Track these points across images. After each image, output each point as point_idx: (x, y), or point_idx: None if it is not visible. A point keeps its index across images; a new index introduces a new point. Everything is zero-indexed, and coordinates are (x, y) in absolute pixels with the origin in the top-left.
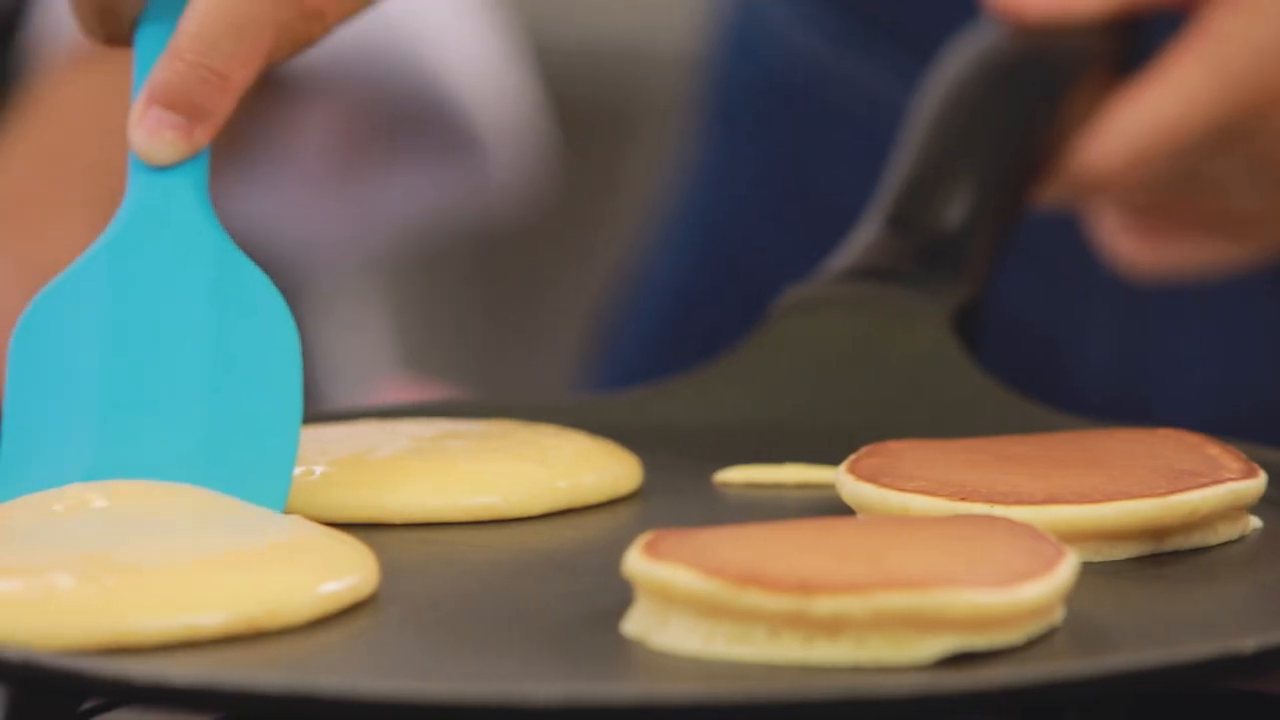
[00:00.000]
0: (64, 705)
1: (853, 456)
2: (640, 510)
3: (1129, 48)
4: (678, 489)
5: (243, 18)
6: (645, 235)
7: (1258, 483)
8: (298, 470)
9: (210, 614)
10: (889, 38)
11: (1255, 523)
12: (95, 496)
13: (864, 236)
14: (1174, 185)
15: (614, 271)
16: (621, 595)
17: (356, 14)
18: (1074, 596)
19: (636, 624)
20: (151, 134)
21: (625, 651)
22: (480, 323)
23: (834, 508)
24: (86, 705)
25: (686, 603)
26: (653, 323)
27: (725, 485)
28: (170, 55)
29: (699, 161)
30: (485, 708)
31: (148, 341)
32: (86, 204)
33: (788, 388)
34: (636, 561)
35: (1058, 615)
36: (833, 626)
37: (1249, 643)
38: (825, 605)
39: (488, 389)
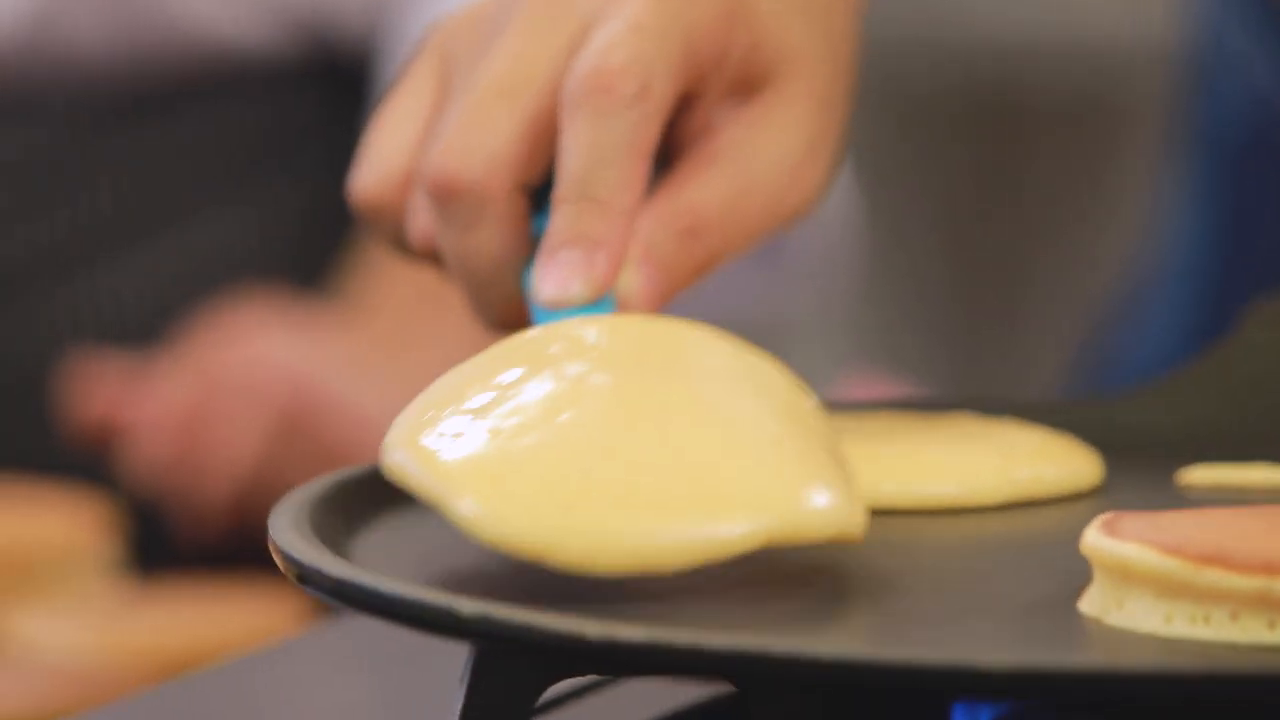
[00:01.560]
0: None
1: None
2: (1099, 505)
3: None
4: (1139, 486)
5: (607, 146)
6: (1135, 256)
7: None
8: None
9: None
10: None
11: None
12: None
13: None
14: None
15: (1097, 277)
16: (1079, 580)
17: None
18: None
19: (1093, 603)
20: (554, 280)
21: (1081, 628)
22: (952, 321)
23: None
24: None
25: (1145, 582)
26: (1143, 358)
27: (1189, 486)
28: (553, 206)
29: (1182, 199)
30: (938, 672)
31: None
32: (461, 341)
33: (1255, 392)
34: (1095, 539)
35: None
36: None
37: None
38: None
39: (959, 388)
